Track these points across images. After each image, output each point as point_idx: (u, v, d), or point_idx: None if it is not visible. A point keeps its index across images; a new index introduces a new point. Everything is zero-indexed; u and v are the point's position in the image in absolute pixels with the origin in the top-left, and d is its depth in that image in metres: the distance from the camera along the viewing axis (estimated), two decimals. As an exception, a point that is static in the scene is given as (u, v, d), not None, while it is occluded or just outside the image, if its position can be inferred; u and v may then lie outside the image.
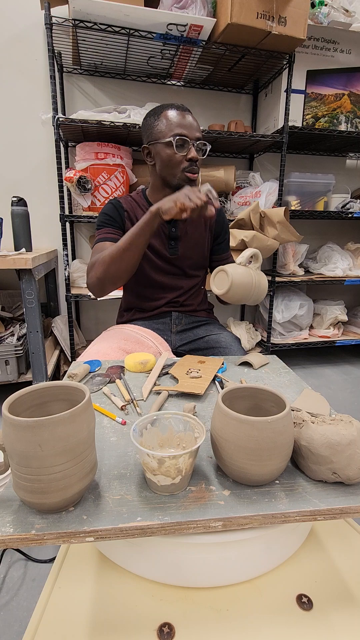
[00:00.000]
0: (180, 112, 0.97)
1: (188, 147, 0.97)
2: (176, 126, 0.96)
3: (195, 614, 0.46)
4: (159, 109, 0.99)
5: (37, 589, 0.84)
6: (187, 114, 0.98)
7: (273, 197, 1.94)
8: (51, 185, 1.96)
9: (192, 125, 0.97)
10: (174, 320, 1.15)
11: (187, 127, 0.96)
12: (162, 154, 0.98)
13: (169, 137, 0.95)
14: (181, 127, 0.96)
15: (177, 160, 0.97)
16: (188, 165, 0.98)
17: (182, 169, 0.98)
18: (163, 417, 0.52)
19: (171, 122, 0.96)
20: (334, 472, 0.47)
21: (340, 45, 1.89)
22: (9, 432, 0.39)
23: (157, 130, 0.98)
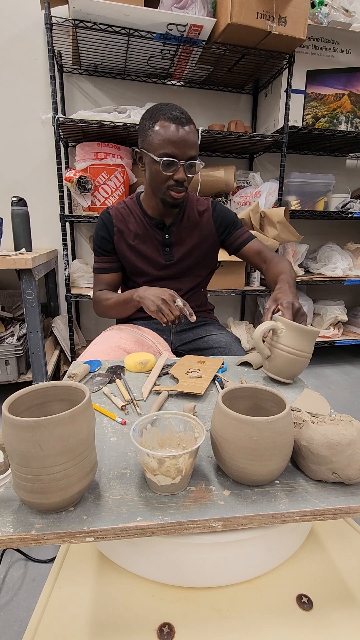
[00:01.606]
0: (176, 125, 0.91)
1: (176, 168, 0.94)
2: (167, 143, 0.91)
3: (195, 614, 0.46)
4: (156, 112, 0.94)
5: (37, 589, 0.84)
6: (182, 127, 0.91)
7: (273, 197, 1.94)
8: (51, 185, 1.96)
9: (186, 143, 0.92)
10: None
11: (179, 146, 0.91)
12: (150, 167, 0.97)
13: (158, 154, 0.92)
14: (172, 145, 0.91)
15: (163, 178, 0.95)
16: (174, 185, 0.96)
17: (167, 187, 0.96)
18: (163, 417, 0.52)
19: (163, 138, 0.91)
20: (334, 472, 0.47)
21: (340, 45, 1.89)
22: (9, 432, 0.39)
23: (149, 140, 0.94)
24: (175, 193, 0.97)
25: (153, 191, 1.01)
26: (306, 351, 0.76)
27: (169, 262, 1.09)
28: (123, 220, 1.08)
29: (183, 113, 0.93)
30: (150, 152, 0.94)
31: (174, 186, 0.96)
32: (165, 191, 0.98)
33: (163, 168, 0.93)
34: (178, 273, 1.12)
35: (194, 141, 0.94)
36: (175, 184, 0.96)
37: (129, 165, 1.84)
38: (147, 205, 1.08)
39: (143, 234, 1.08)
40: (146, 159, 0.97)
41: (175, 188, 0.97)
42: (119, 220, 1.07)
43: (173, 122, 0.91)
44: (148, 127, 0.94)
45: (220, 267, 1.92)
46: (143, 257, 1.08)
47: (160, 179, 0.96)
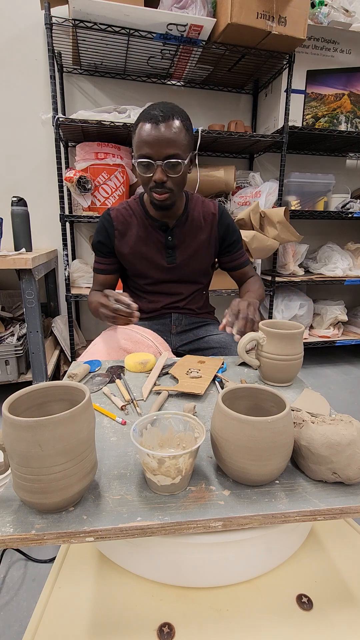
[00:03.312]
0: (151, 124, 0.87)
1: (153, 169, 0.91)
2: (143, 145, 0.88)
3: (195, 614, 0.46)
4: (139, 116, 0.91)
5: (37, 589, 0.84)
6: (158, 126, 0.87)
7: (273, 197, 1.94)
8: (51, 185, 1.96)
9: (161, 142, 0.87)
10: (174, 321, 1.14)
11: (154, 145, 0.88)
12: (136, 171, 0.96)
13: (136, 157, 0.91)
14: (147, 146, 0.88)
15: (145, 180, 0.94)
16: (154, 186, 0.93)
17: (150, 188, 0.95)
18: (163, 417, 0.52)
19: (139, 139, 0.89)
20: (334, 472, 0.47)
21: (340, 45, 1.89)
22: (9, 432, 0.39)
23: (133, 145, 0.94)
24: (157, 195, 0.94)
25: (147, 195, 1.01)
26: (294, 353, 0.75)
27: (172, 265, 1.08)
28: (124, 222, 1.06)
29: (163, 110, 0.88)
30: (133, 157, 0.94)
31: (155, 187, 0.93)
32: (150, 193, 0.96)
33: (140, 170, 0.92)
34: (181, 275, 1.11)
35: (171, 139, 0.88)
36: (155, 186, 0.93)
37: (129, 165, 1.84)
38: (150, 208, 1.07)
39: (145, 236, 1.06)
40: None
41: (155, 190, 0.94)
42: (119, 222, 1.06)
43: (148, 122, 0.87)
44: (133, 131, 0.93)
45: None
46: (145, 260, 1.07)
47: (144, 181, 0.95)
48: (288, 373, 0.77)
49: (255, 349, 0.81)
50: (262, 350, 0.77)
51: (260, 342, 0.77)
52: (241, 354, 0.79)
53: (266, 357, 0.76)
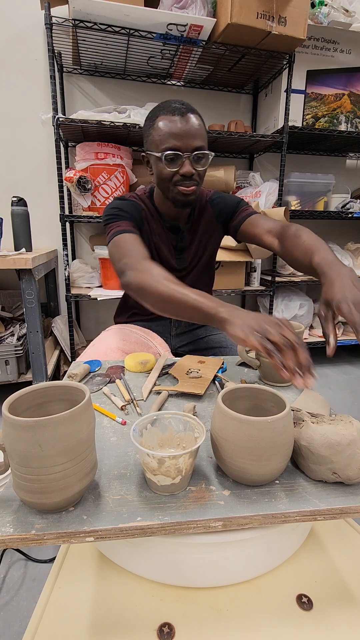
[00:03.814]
0: (176, 116, 0.84)
1: (181, 162, 0.86)
2: (168, 137, 0.84)
3: (195, 614, 0.46)
4: (155, 111, 0.89)
5: (37, 589, 0.84)
6: (183, 118, 0.85)
7: (273, 197, 1.94)
8: (51, 185, 1.96)
9: (189, 133, 0.84)
10: (174, 322, 1.14)
11: (182, 137, 0.84)
12: (156, 167, 0.90)
13: (160, 151, 0.86)
14: (174, 137, 0.84)
15: (168, 174, 0.88)
16: (180, 180, 0.88)
17: (174, 183, 0.89)
18: (163, 417, 0.52)
19: (163, 132, 0.85)
20: (334, 472, 0.47)
21: (340, 45, 1.89)
22: (9, 432, 0.39)
23: (150, 139, 0.88)
24: (184, 188, 0.89)
25: (163, 193, 0.94)
26: None
27: (182, 267, 1.05)
28: (145, 213, 0.99)
29: (183, 104, 0.87)
30: (153, 151, 0.88)
31: (181, 181, 0.88)
32: (174, 188, 0.90)
33: (167, 164, 0.86)
34: (188, 278, 1.07)
35: (198, 131, 0.86)
36: (183, 179, 0.88)
37: (129, 165, 1.84)
38: (161, 207, 1.01)
39: (160, 234, 1.01)
40: (151, 160, 0.92)
41: (182, 182, 0.88)
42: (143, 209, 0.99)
43: (172, 114, 0.85)
44: (149, 127, 0.90)
45: (220, 267, 1.92)
46: (160, 258, 1.03)
47: (167, 176, 0.88)
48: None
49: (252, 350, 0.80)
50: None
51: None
52: (241, 354, 0.79)
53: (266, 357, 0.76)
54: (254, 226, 1.00)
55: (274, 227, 0.96)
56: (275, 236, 0.94)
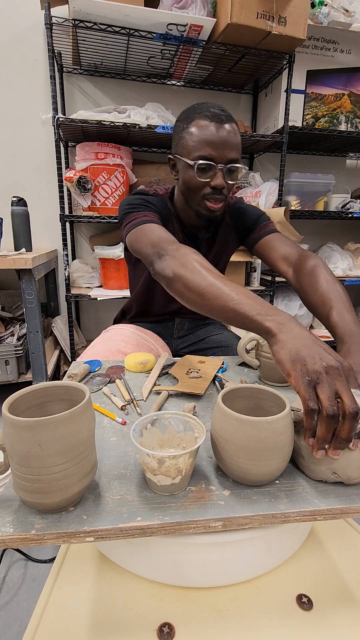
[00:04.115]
0: (214, 123, 0.79)
1: (213, 173, 0.81)
2: (203, 144, 0.79)
3: (195, 614, 0.46)
4: (192, 111, 0.83)
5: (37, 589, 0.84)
6: (222, 126, 0.79)
7: (273, 197, 1.94)
8: (51, 185, 1.96)
9: (226, 143, 0.79)
10: (177, 325, 1.13)
11: (218, 146, 0.79)
12: (184, 174, 0.84)
13: (192, 158, 0.80)
14: (209, 146, 0.79)
15: (198, 185, 0.82)
16: (210, 193, 0.83)
17: (203, 196, 0.84)
18: (163, 417, 0.52)
19: (198, 139, 0.79)
20: (334, 472, 0.47)
21: (340, 45, 1.89)
22: (9, 432, 0.39)
23: (182, 143, 0.82)
24: (212, 203, 0.84)
25: (187, 202, 0.89)
26: None
27: None
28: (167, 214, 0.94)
29: (223, 110, 0.82)
30: (183, 157, 0.82)
31: (211, 194, 0.83)
32: (201, 201, 0.85)
33: (198, 173, 0.80)
34: None
35: (235, 142, 0.81)
36: (213, 192, 0.83)
37: (129, 165, 1.84)
38: (181, 213, 0.96)
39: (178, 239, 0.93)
40: (179, 165, 0.86)
41: (212, 197, 0.83)
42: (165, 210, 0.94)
43: (210, 120, 0.79)
44: (182, 129, 0.83)
45: (220, 267, 1.92)
46: None
47: (195, 186, 0.83)
48: None
49: (255, 349, 0.81)
50: (262, 350, 0.77)
51: (260, 342, 0.77)
52: (241, 354, 0.79)
53: (266, 357, 0.76)
54: (270, 249, 0.95)
55: (290, 254, 0.91)
56: (290, 266, 0.90)
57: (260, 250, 0.98)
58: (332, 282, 0.77)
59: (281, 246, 0.94)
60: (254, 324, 0.53)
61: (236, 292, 0.57)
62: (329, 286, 0.75)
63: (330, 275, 0.79)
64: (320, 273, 0.79)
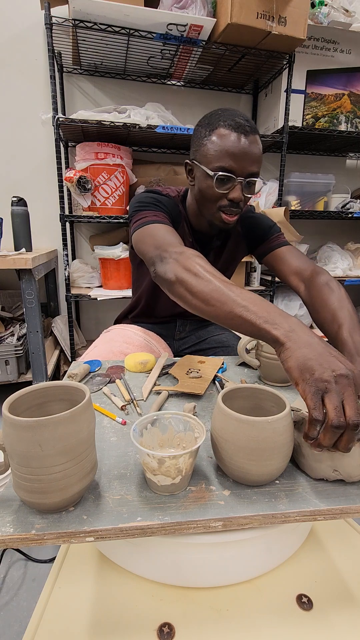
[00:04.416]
0: (237, 134, 0.76)
1: (232, 185, 0.79)
2: (225, 155, 0.77)
3: (195, 614, 0.46)
4: (215, 118, 0.79)
5: (37, 589, 0.84)
6: (247, 138, 0.77)
7: (273, 197, 1.94)
8: (51, 185, 1.96)
9: (249, 156, 0.77)
10: (179, 327, 1.13)
11: (240, 159, 0.77)
12: (202, 182, 0.82)
13: (212, 168, 0.78)
14: (231, 158, 0.77)
15: (215, 196, 0.81)
16: (227, 205, 0.82)
17: (219, 207, 0.83)
18: (163, 417, 0.52)
19: (220, 148, 0.77)
20: (335, 469, 0.47)
21: (340, 45, 1.89)
22: (9, 432, 0.39)
23: (203, 150, 0.80)
24: (227, 216, 0.83)
25: (201, 210, 0.88)
26: None
27: None
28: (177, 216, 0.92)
29: (247, 121, 0.78)
30: (202, 165, 0.80)
31: (227, 207, 0.82)
32: (216, 212, 0.83)
33: (217, 184, 0.79)
34: None
35: (257, 155, 0.79)
36: (229, 205, 0.81)
37: (129, 165, 1.84)
38: (192, 218, 0.94)
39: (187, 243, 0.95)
40: (197, 172, 0.84)
41: (228, 209, 0.82)
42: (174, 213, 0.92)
43: (234, 131, 0.76)
44: (203, 136, 0.80)
45: (220, 267, 1.91)
46: None
47: (212, 197, 0.81)
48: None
49: (255, 349, 0.81)
50: (262, 350, 0.77)
51: (260, 342, 0.77)
52: (241, 354, 0.79)
53: (266, 357, 0.76)
54: (282, 261, 0.95)
55: (302, 269, 0.90)
56: (302, 281, 0.89)
57: (271, 261, 0.98)
58: (344, 300, 0.76)
59: (294, 260, 0.93)
60: (262, 332, 0.51)
61: (242, 298, 0.55)
62: (340, 304, 0.75)
63: (342, 294, 0.78)
64: (333, 291, 0.79)
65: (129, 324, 1.10)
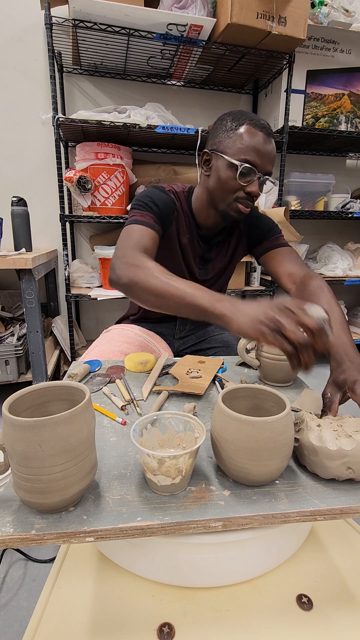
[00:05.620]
0: (264, 135, 0.82)
1: (252, 179, 0.83)
2: (251, 150, 0.81)
3: (195, 614, 0.46)
4: (239, 116, 0.84)
5: (37, 589, 0.84)
6: (269, 139, 0.83)
7: (273, 197, 1.94)
8: (51, 185, 1.96)
9: (270, 156, 0.84)
10: (179, 326, 1.13)
11: (262, 157, 0.82)
12: (222, 172, 0.85)
13: (237, 159, 0.82)
14: (256, 154, 0.81)
15: (234, 187, 0.84)
16: (243, 197, 0.85)
17: (236, 198, 0.86)
18: (163, 417, 0.52)
19: (247, 143, 0.81)
20: (349, 467, 0.46)
21: (340, 45, 1.89)
22: (9, 432, 0.39)
23: (228, 142, 0.83)
24: (243, 206, 0.86)
25: (215, 200, 0.90)
26: None
27: (203, 278, 1.03)
28: (179, 213, 0.95)
29: (268, 125, 0.86)
30: (226, 155, 0.83)
31: (243, 199, 0.85)
32: (232, 202, 0.86)
33: (240, 176, 0.82)
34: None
35: (274, 158, 0.86)
36: (246, 197, 0.85)
37: (129, 165, 1.84)
38: (198, 213, 0.96)
39: (189, 239, 0.98)
40: (218, 162, 0.86)
41: (244, 201, 0.86)
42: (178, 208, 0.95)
43: (261, 131, 0.82)
44: (229, 129, 0.84)
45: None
46: (184, 263, 0.99)
47: (231, 187, 0.84)
48: (288, 373, 0.77)
49: (255, 349, 0.81)
50: (262, 350, 0.77)
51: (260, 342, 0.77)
52: (241, 354, 0.79)
53: (266, 357, 0.76)
54: (278, 263, 0.98)
55: (296, 272, 0.93)
56: (294, 283, 0.92)
57: (267, 261, 1.01)
58: (333, 304, 0.79)
59: (289, 263, 0.96)
60: (208, 312, 0.60)
61: (188, 286, 0.64)
62: (329, 307, 0.76)
63: (332, 298, 0.81)
64: (323, 294, 0.81)
65: (129, 324, 1.10)
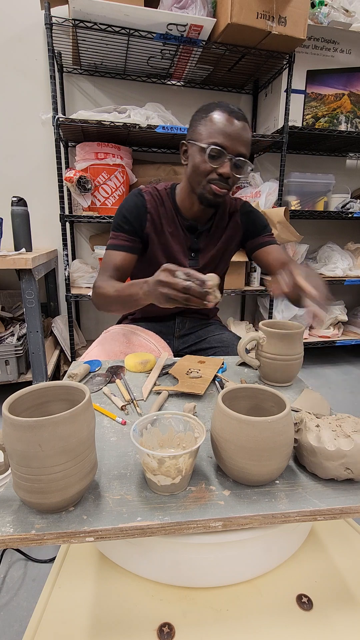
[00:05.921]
0: (230, 117, 0.86)
1: (223, 161, 0.86)
2: (218, 133, 0.85)
3: (195, 614, 0.46)
4: (211, 106, 0.89)
5: (37, 589, 0.84)
6: (239, 122, 0.86)
7: (273, 197, 1.94)
8: (51, 185, 1.96)
9: (240, 137, 0.86)
10: (178, 324, 1.13)
11: (232, 138, 0.85)
12: (194, 158, 0.89)
13: (206, 143, 0.86)
14: (223, 135, 0.85)
15: (206, 169, 0.88)
16: (216, 179, 0.88)
17: (209, 180, 0.89)
18: (163, 417, 0.52)
19: (215, 127, 0.85)
20: (347, 468, 0.47)
21: (340, 45, 1.89)
22: (9, 432, 0.39)
23: (198, 130, 0.88)
24: (218, 188, 0.89)
25: (192, 186, 0.94)
26: (294, 353, 0.75)
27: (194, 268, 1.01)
28: (156, 209, 0.99)
29: (240, 110, 0.89)
30: (197, 142, 0.88)
31: (217, 180, 0.88)
32: (206, 185, 0.90)
33: (209, 158, 0.86)
34: None
35: (246, 139, 0.88)
36: (219, 179, 0.88)
37: (129, 165, 1.84)
38: (182, 204, 1.00)
39: (173, 232, 1.01)
40: (191, 150, 0.91)
41: (217, 182, 0.88)
42: (152, 206, 0.99)
43: (229, 114, 0.86)
44: (200, 118, 0.89)
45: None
46: (169, 257, 1.01)
47: (203, 170, 0.88)
48: (288, 373, 0.77)
49: (255, 349, 0.81)
50: (262, 350, 0.77)
51: (260, 342, 0.77)
52: (241, 354, 0.79)
53: (266, 357, 0.76)
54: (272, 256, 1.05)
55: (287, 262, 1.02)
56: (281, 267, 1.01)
57: (259, 256, 1.08)
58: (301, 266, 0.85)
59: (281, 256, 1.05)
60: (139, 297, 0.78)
61: (128, 287, 0.82)
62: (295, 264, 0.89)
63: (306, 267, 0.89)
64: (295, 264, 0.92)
65: (128, 324, 1.10)
